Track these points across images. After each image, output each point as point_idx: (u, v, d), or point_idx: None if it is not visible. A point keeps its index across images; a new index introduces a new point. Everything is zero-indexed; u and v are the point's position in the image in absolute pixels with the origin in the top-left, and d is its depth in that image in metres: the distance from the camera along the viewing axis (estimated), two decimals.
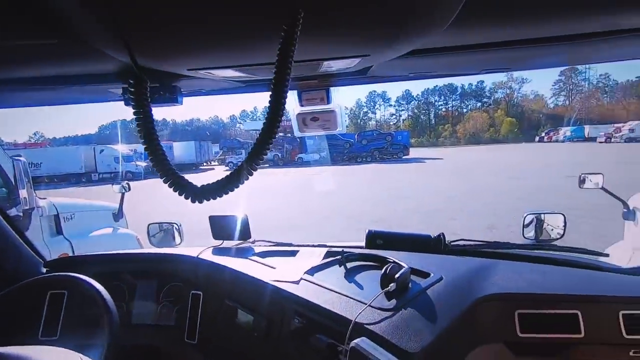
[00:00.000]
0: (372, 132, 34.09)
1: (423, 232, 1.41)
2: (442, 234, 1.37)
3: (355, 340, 0.64)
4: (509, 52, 0.79)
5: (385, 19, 0.54)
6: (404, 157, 28.89)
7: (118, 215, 3.99)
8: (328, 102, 1.12)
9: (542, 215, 1.65)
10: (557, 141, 40.09)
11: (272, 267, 1.18)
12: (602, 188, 2.97)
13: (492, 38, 0.72)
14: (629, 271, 1.15)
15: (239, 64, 0.74)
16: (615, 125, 35.43)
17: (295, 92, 1.13)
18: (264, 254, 1.35)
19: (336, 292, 0.96)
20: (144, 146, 0.57)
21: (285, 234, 6.35)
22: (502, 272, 1.08)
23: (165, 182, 0.55)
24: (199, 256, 1.39)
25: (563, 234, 1.62)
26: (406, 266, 0.98)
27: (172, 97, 0.87)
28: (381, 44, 0.66)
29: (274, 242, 1.51)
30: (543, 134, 45.98)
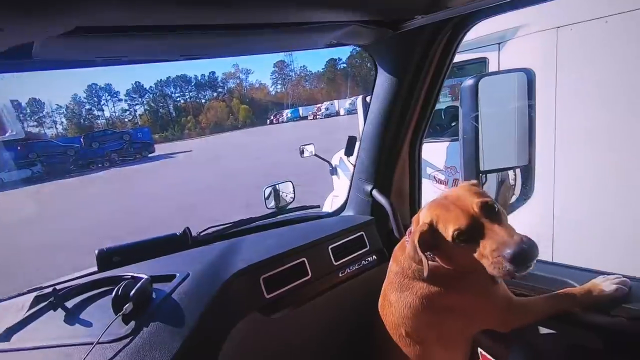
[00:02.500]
0: (103, 133, 28.94)
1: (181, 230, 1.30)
2: (187, 228, 1.32)
3: None
4: (193, 38, 0.79)
5: None
6: (150, 155, 26.47)
7: None
8: None
9: (277, 186, 1.87)
10: (282, 122, 48.19)
11: None
12: (315, 155, 3.82)
13: (170, 21, 0.69)
14: (331, 214, 1.51)
15: None
16: (317, 105, 46.45)
17: None
18: None
19: (51, 346, 0.72)
20: None
21: None
22: (247, 247, 1.16)
23: None
24: None
25: (294, 197, 1.92)
26: (145, 277, 0.87)
27: None
28: (15, 14, 0.49)
29: None
30: (272, 117, 53.99)
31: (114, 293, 0.79)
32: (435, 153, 3.05)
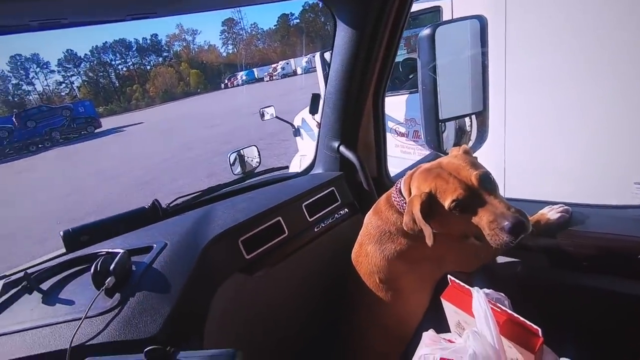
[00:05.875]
0: (38, 110, 26.07)
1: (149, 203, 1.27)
2: (156, 200, 1.29)
3: None
4: None
5: None
6: (96, 130, 24.54)
7: None
8: None
9: (242, 151, 1.84)
10: (237, 85, 46.00)
11: None
12: (276, 117, 3.75)
13: None
14: (300, 174, 1.54)
15: None
16: (272, 65, 44.52)
17: None
18: None
19: (33, 328, 0.71)
20: None
21: None
22: (220, 212, 1.16)
23: None
24: None
25: (260, 161, 1.91)
26: (122, 251, 0.86)
27: None
28: None
29: None
30: (226, 81, 51.27)
31: (92, 269, 0.77)
32: (395, 106, 3.11)
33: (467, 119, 1.46)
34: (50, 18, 0.78)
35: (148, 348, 0.48)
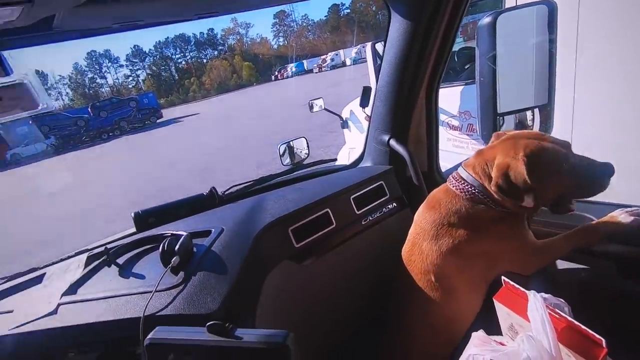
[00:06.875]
0: (109, 101, 28.68)
1: (207, 190, 1.36)
2: (213, 187, 1.38)
3: (148, 336, 0.57)
4: None
5: None
6: (158, 121, 26.42)
7: None
8: (7, 73, 0.81)
9: (291, 142, 1.89)
10: (287, 77, 46.71)
11: (6, 312, 0.85)
12: (325, 109, 3.78)
13: None
14: (349, 166, 1.55)
15: None
16: (321, 57, 44.51)
17: None
18: None
19: (113, 296, 0.81)
20: None
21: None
22: (272, 202, 1.21)
23: None
24: None
25: (309, 153, 1.95)
26: (185, 233, 0.94)
27: None
28: None
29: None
30: (276, 73, 52.30)
31: (160, 248, 0.86)
32: (449, 98, 2.97)
33: (529, 113, 1.37)
34: (129, 20, 0.87)
35: (210, 323, 0.52)
